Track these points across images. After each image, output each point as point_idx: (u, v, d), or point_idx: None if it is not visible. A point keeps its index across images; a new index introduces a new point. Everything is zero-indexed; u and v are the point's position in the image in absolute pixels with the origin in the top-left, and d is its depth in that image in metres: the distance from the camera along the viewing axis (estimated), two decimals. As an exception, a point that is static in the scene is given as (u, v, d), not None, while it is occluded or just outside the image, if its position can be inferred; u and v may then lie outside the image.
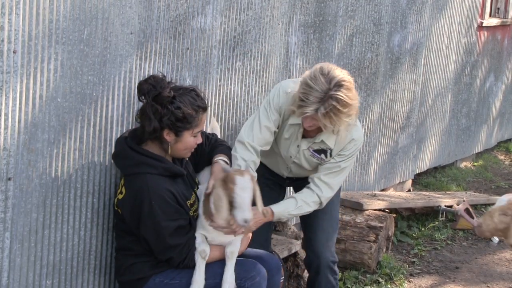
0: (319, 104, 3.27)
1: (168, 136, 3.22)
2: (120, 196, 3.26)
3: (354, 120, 3.45)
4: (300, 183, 3.81)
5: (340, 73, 3.35)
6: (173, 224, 3.19)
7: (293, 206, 3.55)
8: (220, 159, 3.48)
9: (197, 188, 3.47)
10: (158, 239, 3.20)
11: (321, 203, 3.62)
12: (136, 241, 3.27)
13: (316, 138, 3.59)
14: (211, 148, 3.56)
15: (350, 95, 3.32)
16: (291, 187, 4.08)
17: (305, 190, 3.62)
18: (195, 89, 3.29)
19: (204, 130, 3.74)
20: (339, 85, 3.29)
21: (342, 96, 3.28)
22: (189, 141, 3.27)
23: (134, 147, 3.23)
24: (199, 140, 3.32)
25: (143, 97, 3.23)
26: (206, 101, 3.31)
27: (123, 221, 3.29)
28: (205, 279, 3.26)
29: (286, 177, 3.89)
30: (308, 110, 3.29)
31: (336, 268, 3.83)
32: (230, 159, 3.53)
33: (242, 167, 3.40)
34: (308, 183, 3.66)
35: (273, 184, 3.89)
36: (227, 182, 3.17)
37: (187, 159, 3.44)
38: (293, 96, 3.44)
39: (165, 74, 3.41)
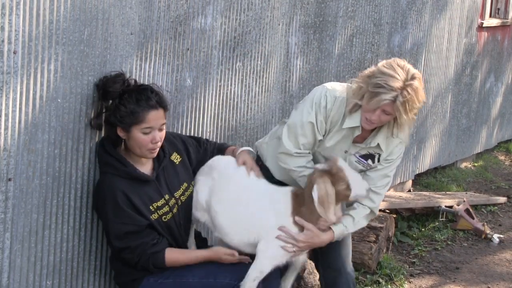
0: (398, 92, 3.16)
1: (121, 133, 3.23)
2: None
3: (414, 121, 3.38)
4: None
5: (412, 68, 3.28)
6: (122, 228, 3.18)
7: (350, 223, 3.41)
8: (246, 149, 3.56)
9: (185, 188, 3.44)
10: (109, 239, 3.23)
11: (373, 213, 3.52)
12: None
13: (370, 142, 3.42)
14: (220, 147, 3.63)
15: (423, 92, 3.25)
16: None
17: (356, 205, 3.46)
18: (150, 87, 3.25)
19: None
20: (414, 77, 3.21)
21: (420, 89, 3.20)
22: (139, 137, 3.20)
23: (106, 147, 3.25)
24: (155, 139, 3.22)
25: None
26: (160, 99, 3.24)
27: None
28: (200, 278, 3.25)
29: None
30: (388, 97, 3.15)
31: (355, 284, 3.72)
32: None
33: (305, 172, 3.38)
34: None
35: None
36: (334, 173, 3.19)
37: (176, 161, 3.42)
38: (356, 90, 3.29)
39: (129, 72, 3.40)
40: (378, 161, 3.46)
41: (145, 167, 3.32)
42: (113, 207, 3.17)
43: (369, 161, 3.46)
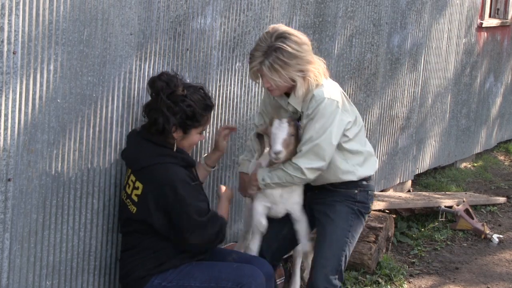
0: (263, 57, 3.29)
1: (176, 133, 3.30)
2: (137, 192, 3.28)
3: (317, 80, 3.37)
4: (319, 197, 3.67)
5: (288, 28, 3.35)
6: (200, 204, 3.28)
7: (282, 173, 3.48)
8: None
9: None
10: (189, 220, 3.25)
11: (302, 173, 3.45)
12: (147, 239, 3.31)
13: (288, 105, 3.51)
14: None
15: (297, 47, 3.30)
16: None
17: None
18: (203, 87, 3.41)
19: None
20: (283, 37, 3.29)
21: (285, 47, 3.27)
22: (195, 138, 3.38)
23: (151, 139, 3.29)
24: (203, 137, 3.44)
25: (154, 94, 3.29)
26: (211, 100, 3.42)
27: (135, 220, 3.30)
28: (202, 283, 3.27)
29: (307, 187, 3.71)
30: (253, 65, 3.32)
31: None
32: None
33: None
34: (325, 204, 3.63)
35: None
36: (265, 133, 3.57)
37: None
38: None
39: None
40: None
41: None
42: (187, 189, 3.24)
43: (300, 123, 3.52)
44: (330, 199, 3.62)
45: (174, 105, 3.25)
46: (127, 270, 3.36)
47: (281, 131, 3.46)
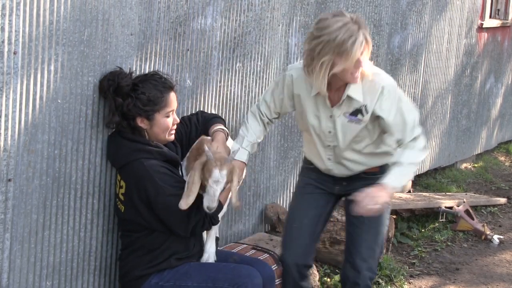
0: (360, 31, 3.11)
1: (142, 123, 3.26)
2: (122, 191, 3.28)
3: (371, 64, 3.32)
4: (350, 188, 3.51)
5: (336, 11, 3.27)
6: (180, 193, 3.18)
7: (398, 168, 3.24)
8: (219, 128, 3.46)
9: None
10: (173, 214, 3.19)
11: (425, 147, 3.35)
12: (141, 237, 3.30)
13: (343, 100, 3.29)
14: (205, 122, 3.55)
15: None
16: (343, 198, 3.68)
17: (399, 151, 3.33)
18: (157, 73, 3.34)
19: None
20: (345, 13, 3.20)
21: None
22: (164, 122, 3.29)
23: (126, 136, 3.26)
24: (176, 120, 3.34)
25: (105, 94, 3.26)
26: (170, 81, 3.32)
27: (126, 219, 3.30)
28: (199, 283, 3.26)
29: (335, 181, 3.57)
30: (360, 41, 3.10)
31: (371, 284, 3.56)
32: (225, 127, 3.52)
33: (235, 149, 3.33)
34: (357, 189, 3.36)
35: (322, 192, 3.60)
36: (205, 170, 3.17)
37: (178, 146, 3.48)
38: (320, 67, 3.14)
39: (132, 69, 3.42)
40: (366, 111, 3.31)
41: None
42: (165, 180, 3.18)
43: (359, 116, 3.34)
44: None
45: (124, 98, 3.21)
46: (126, 270, 3.36)
47: (219, 185, 3.16)
